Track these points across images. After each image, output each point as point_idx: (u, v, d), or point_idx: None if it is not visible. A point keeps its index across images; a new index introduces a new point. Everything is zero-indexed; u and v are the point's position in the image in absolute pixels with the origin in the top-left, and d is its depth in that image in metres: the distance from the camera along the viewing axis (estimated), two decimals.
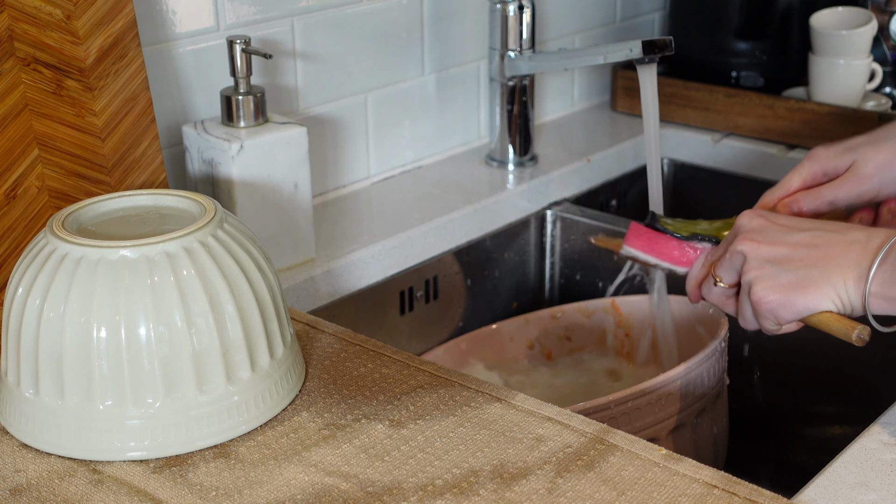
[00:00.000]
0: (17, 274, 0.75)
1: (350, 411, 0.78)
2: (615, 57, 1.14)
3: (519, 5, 1.24)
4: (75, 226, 0.77)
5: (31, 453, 0.74)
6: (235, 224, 0.78)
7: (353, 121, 1.23)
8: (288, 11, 1.13)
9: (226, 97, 1.00)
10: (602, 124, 1.51)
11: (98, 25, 0.90)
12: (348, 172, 1.24)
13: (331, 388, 0.81)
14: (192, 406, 0.73)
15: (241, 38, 1.00)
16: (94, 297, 0.71)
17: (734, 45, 1.44)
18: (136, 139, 0.94)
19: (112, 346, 0.71)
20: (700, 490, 0.68)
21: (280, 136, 1.00)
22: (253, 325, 0.75)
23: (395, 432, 0.75)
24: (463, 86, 1.35)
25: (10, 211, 0.88)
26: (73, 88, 0.89)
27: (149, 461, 0.73)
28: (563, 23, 1.47)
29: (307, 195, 1.04)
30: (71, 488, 0.70)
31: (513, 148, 1.31)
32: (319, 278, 1.05)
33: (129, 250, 0.72)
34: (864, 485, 0.70)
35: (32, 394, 0.74)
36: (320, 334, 0.88)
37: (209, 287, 0.73)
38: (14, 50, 0.87)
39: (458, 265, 1.20)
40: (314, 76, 1.17)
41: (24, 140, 0.88)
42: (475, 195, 1.24)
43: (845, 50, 1.34)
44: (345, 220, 1.17)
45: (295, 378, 0.80)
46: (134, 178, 0.94)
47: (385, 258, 1.12)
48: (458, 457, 0.72)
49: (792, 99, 1.37)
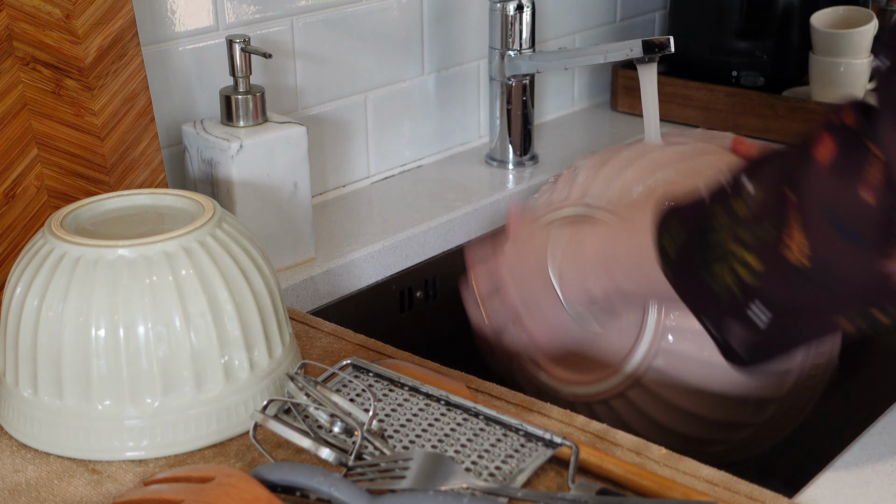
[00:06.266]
0: (16, 273, 0.75)
1: None
2: (615, 56, 1.14)
3: (519, 5, 1.24)
4: (74, 225, 0.77)
5: (30, 453, 0.74)
6: (234, 224, 0.78)
7: (353, 120, 1.23)
8: (288, 11, 1.13)
9: (225, 97, 1.00)
10: (602, 124, 1.50)
11: (97, 25, 0.90)
12: (348, 172, 1.24)
13: None
14: (190, 406, 0.73)
15: (241, 38, 0.99)
16: (93, 296, 0.71)
17: (735, 44, 1.44)
18: (136, 139, 0.94)
19: (110, 345, 0.71)
20: (701, 489, 0.68)
21: (280, 135, 1.00)
22: (252, 324, 0.75)
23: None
24: (463, 85, 1.35)
25: (9, 210, 0.87)
26: (72, 88, 0.89)
27: (148, 461, 0.73)
28: (563, 22, 1.47)
29: (307, 195, 1.04)
30: (70, 488, 0.70)
31: (513, 148, 1.31)
32: (319, 278, 1.05)
33: (127, 250, 0.72)
34: (865, 485, 0.70)
35: (31, 394, 0.74)
36: (319, 334, 0.88)
37: (208, 287, 0.73)
38: (13, 49, 0.87)
39: (458, 265, 1.20)
40: (314, 76, 1.17)
41: (23, 139, 0.88)
42: (475, 195, 1.24)
43: (846, 49, 1.34)
44: (344, 219, 1.17)
45: None
46: (133, 177, 0.94)
47: (385, 258, 1.12)
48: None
49: (792, 98, 1.37)
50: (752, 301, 0.67)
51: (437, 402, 0.76)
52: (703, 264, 0.69)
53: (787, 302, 0.66)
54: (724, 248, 0.68)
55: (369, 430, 0.70)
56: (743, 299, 0.68)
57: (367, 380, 0.79)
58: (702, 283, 0.69)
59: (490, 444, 0.71)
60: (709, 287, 0.69)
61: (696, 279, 0.70)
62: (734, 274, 0.67)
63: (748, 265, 0.66)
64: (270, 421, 0.69)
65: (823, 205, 0.62)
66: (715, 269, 0.68)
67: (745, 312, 0.68)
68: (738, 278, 0.67)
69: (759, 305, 0.67)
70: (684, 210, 0.72)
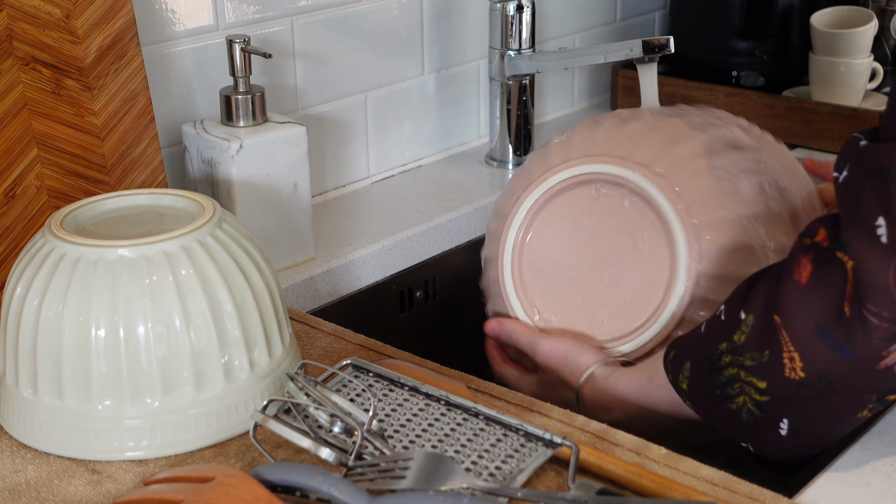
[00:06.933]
0: (16, 273, 0.75)
1: None
2: (615, 56, 1.14)
3: (519, 5, 1.24)
4: (74, 225, 0.77)
5: (30, 453, 0.74)
6: (234, 224, 0.78)
7: (353, 120, 1.23)
8: (287, 11, 1.13)
9: (225, 97, 1.00)
10: None
11: (97, 25, 0.90)
12: (348, 172, 1.24)
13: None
14: (190, 406, 0.73)
15: (241, 38, 0.99)
16: (93, 296, 0.71)
17: (735, 44, 1.44)
18: (136, 139, 0.94)
19: (110, 345, 0.71)
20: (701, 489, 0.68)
21: (280, 135, 1.00)
22: (251, 324, 0.75)
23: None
24: (463, 85, 1.35)
25: (9, 210, 0.87)
26: (72, 88, 0.89)
27: (148, 461, 0.73)
28: (563, 22, 1.47)
29: (307, 195, 1.04)
30: (70, 488, 0.70)
31: (513, 147, 1.31)
32: (319, 278, 1.05)
33: (127, 250, 0.72)
34: (865, 485, 0.70)
35: (31, 394, 0.74)
36: (319, 334, 0.88)
37: (208, 287, 0.73)
38: (13, 49, 0.87)
39: (458, 265, 1.20)
40: (314, 76, 1.17)
41: (24, 139, 0.88)
42: (475, 195, 1.24)
43: (846, 49, 1.34)
44: (344, 219, 1.17)
45: None
46: (133, 177, 0.94)
47: (385, 258, 1.12)
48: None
49: (792, 98, 1.37)
50: (775, 417, 0.71)
51: (437, 402, 0.76)
52: (725, 398, 0.73)
53: (803, 412, 0.70)
54: (735, 377, 0.72)
55: (369, 430, 0.70)
56: (764, 417, 0.71)
57: (367, 380, 0.79)
58: (727, 411, 0.73)
59: (490, 444, 0.71)
60: (734, 413, 0.73)
61: (720, 409, 0.74)
62: (751, 398, 0.71)
63: (759, 388, 0.70)
64: (270, 421, 0.69)
65: (810, 321, 0.66)
66: (736, 399, 0.72)
67: (772, 428, 0.72)
68: (755, 401, 0.71)
69: (782, 420, 0.71)
70: (691, 349, 0.76)
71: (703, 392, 0.75)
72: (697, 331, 0.76)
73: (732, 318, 0.72)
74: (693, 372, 0.75)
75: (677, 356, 0.77)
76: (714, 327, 0.74)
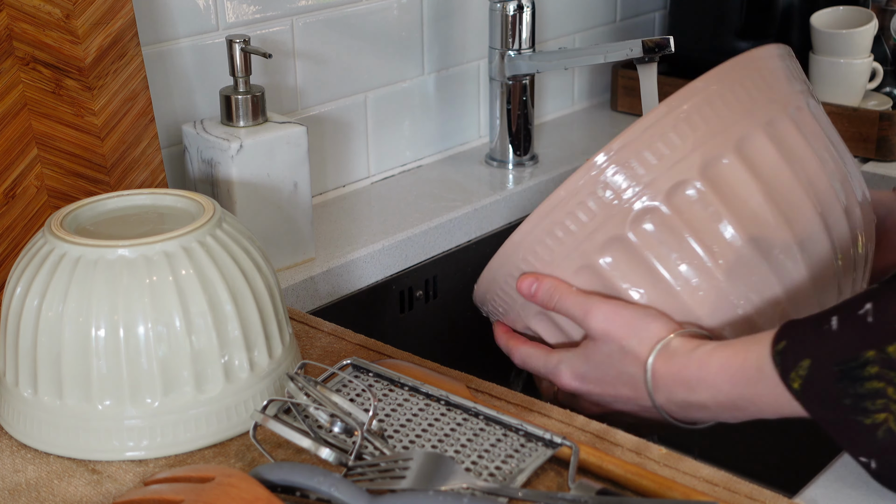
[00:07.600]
0: (16, 273, 0.75)
1: None
2: (615, 56, 1.14)
3: (519, 5, 1.24)
4: (74, 225, 0.77)
5: (30, 453, 0.74)
6: (234, 224, 0.78)
7: (353, 120, 1.23)
8: (287, 11, 1.13)
9: (225, 96, 1.00)
10: (602, 124, 1.50)
11: (97, 25, 0.90)
12: (348, 172, 1.24)
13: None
14: (190, 406, 0.73)
15: (241, 38, 0.99)
16: (93, 296, 0.71)
17: (735, 44, 1.44)
18: (136, 139, 0.94)
19: (110, 345, 0.71)
20: (701, 489, 0.68)
21: (279, 135, 1.00)
22: (251, 324, 0.75)
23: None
24: (463, 85, 1.35)
25: (9, 210, 0.87)
26: (72, 88, 0.89)
27: (148, 461, 0.73)
28: (563, 22, 1.47)
29: (307, 195, 1.04)
30: (70, 488, 0.70)
31: (513, 148, 1.31)
32: (319, 278, 1.05)
33: (127, 250, 0.72)
34: (865, 485, 0.70)
35: (31, 394, 0.74)
36: (319, 334, 0.88)
37: (208, 287, 0.73)
38: (13, 49, 0.87)
39: (458, 265, 1.20)
40: (314, 76, 1.17)
41: (23, 139, 0.88)
42: (475, 195, 1.24)
43: (846, 49, 1.34)
44: (344, 219, 1.17)
45: None
46: (133, 177, 0.94)
47: (385, 258, 1.12)
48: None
49: None
50: None
51: (437, 402, 0.76)
52: (859, 411, 0.66)
53: None
54: (880, 392, 0.65)
55: (369, 430, 0.70)
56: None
57: (367, 380, 0.79)
58: (857, 424, 0.66)
59: (490, 444, 0.71)
60: (867, 428, 0.66)
61: (847, 420, 0.67)
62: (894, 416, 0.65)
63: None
64: (270, 421, 0.69)
65: None
66: (874, 415, 0.65)
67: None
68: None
69: None
70: (813, 346, 0.68)
71: (827, 397, 0.66)
72: (824, 325, 0.67)
73: (888, 326, 0.64)
74: (815, 372, 0.66)
75: (791, 349, 0.68)
76: (857, 329, 0.65)
